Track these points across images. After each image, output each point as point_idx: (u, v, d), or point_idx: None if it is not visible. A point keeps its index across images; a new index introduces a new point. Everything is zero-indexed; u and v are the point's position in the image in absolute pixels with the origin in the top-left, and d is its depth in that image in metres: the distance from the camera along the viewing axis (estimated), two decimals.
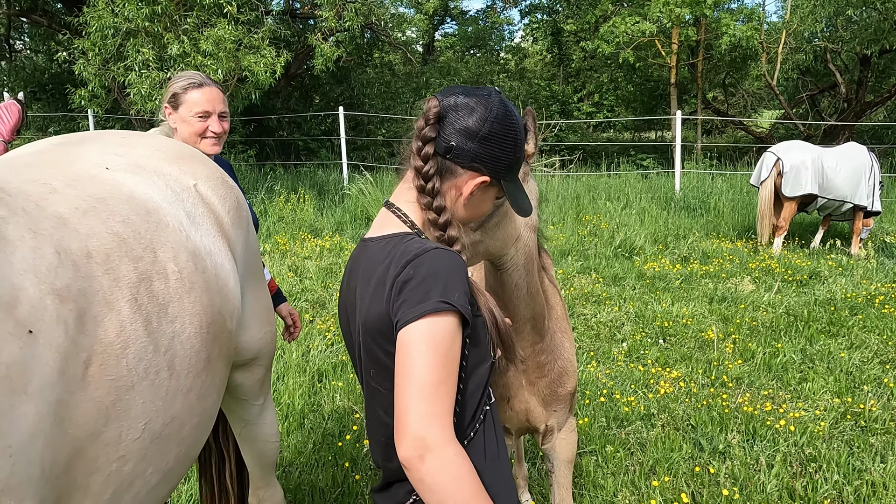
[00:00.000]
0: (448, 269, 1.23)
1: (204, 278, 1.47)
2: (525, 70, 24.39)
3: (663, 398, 4.20)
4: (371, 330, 1.29)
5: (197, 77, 2.38)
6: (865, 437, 3.75)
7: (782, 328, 5.58)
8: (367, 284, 1.32)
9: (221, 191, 1.73)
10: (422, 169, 1.33)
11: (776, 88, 14.69)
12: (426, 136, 1.32)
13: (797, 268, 7.42)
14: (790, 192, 8.05)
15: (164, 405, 1.29)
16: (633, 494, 3.14)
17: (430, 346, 1.17)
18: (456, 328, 1.21)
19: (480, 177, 1.35)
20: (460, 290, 1.22)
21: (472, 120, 1.32)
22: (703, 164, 13.95)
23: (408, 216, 1.36)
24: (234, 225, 1.73)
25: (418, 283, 1.20)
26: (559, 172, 13.64)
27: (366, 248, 1.38)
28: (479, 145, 1.33)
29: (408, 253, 1.25)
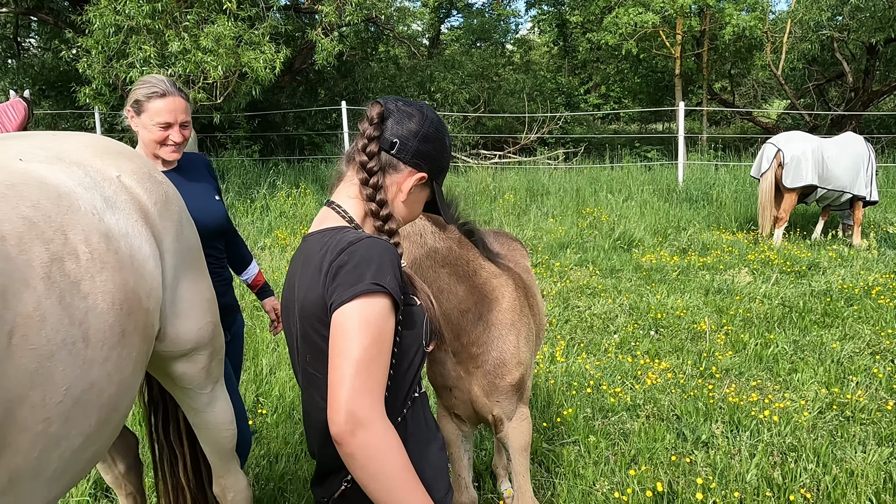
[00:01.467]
0: (380, 254, 1.30)
1: (117, 258, 1.56)
2: (531, 62, 24.32)
3: (650, 389, 4.23)
4: (307, 315, 1.36)
5: (161, 85, 2.39)
6: (850, 426, 3.77)
7: (776, 319, 5.58)
8: (305, 274, 1.39)
9: (147, 184, 1.82)
10: (366, 164, 1.42)
11: (781, 78, 14.57)
12: (371, 135, 1.44)
13: (796, 259, 7.40)
14: (791, 184, 8.02)
15: (82, 372, 1.42)
16: (612, 483, 3.18)
17: (363, 326, 1.23)
18: (388, 310, 1.28)
19: (419, 173, 1.47)
20: (392, 275, 1.30)
21: (412, 123, 1.46)
22: (709, 155, 13.89)
23: (346, 212, 1.45)
24: (162, 216, 1.82)
25: (353, 267, 1.27)
26: (562, 165, 13.63)
27: (305, 243, 1.46)
28: (420, 143, 1.46)
29: (343, 241, 1.33)
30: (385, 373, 1.26)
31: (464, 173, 12.07)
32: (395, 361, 1.37)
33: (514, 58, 24.11)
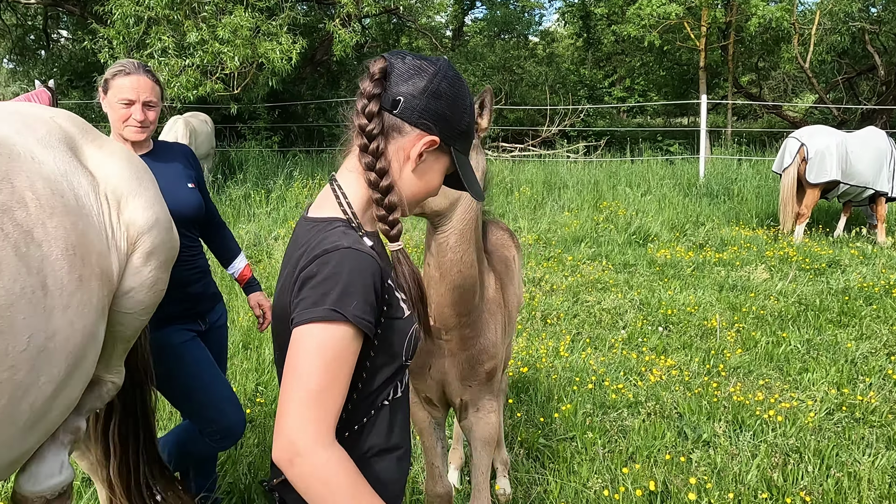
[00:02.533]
0: (351, 272, 1.17)
1: (63, 202, 1.55)
2: (554, 55, 24.07)
3: (653, 386, 4.15)
4: (277, 314, 1.32)
5: (130, 65, 2.43)
6: (858, 428, 3.66)
7: (791, 317, 5.46)
8: (285, 268, 1.32)
9: (83, 125, 1.83)
10: (366, 127, 1.24)
11: (809, 71, 14.22)
12: (371, 93, 1.25)
13: (816, 256, 7.22)
14: (815, 179, 7.81)
15: (43, 321, 1.44)
16: (605, 481, 3.13)
17: (318, 352, 1.14)
18: (348, 337, 1.16)
19: (429, 136, 1.27)
20: (360, 299, 1.16)
21: (420, 78, 1.25)
22: (733, 149, 13.63)
23: (346, 196, 1.29)
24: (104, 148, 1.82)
25: (318, 283, 1.16)
26: (582, 158, 13.49)
27: (300, 226, 1.35)
28: (428, 101, 1.25)
29: (320, 246, 1.20)
30: (338, 400, 1.17)
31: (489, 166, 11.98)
32: (365, 378, 1.27)
33: (537, 50, 23.90)
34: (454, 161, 1.33)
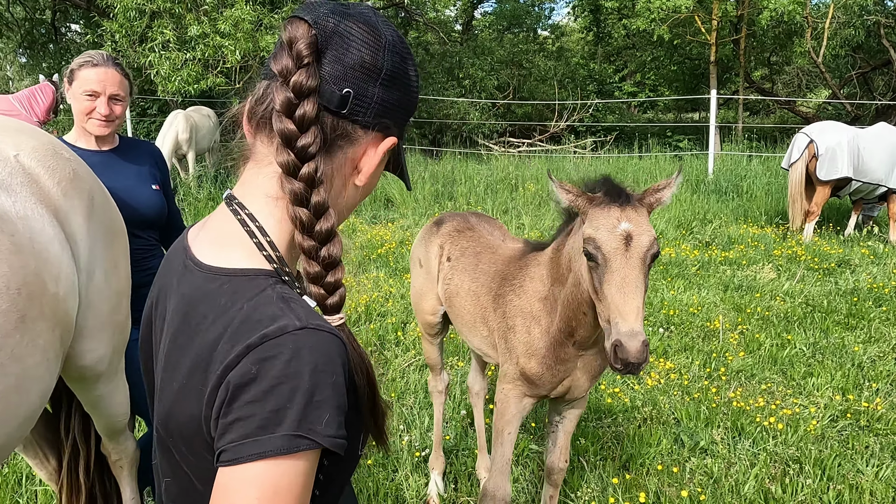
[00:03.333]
0: (316, 370, 0.77)
1: (13, 241, 1.50)
2: (563, 49, 23.86)
3: (651, 391, 4.03)
4: (173, 431, 0.86)
5: (97, 56, 2.33)
6: (863, 437, 3.52)
7: (797, 319, 5.30)
8: (178, 352, 0.86)
9: (50, 162, 1.73)
10: (295, 140, 0.83)
11: (822, 66, 13.95)
12: (303, 86, 0.83)
13: (825, 255, 7.05)
14: (825, 176, 7.62)
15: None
16: (596, 491, 3.01)
17: (268, 502, 0.75)
18: (313, 465, 0.79)
19: (389, 138, 0.93)
20: (332, 406, 0.78)
21: (365, 51, 0.86)
22: (744, 145, 13.41)
23: (264, 229, 0.88)
24: (67, 195, 1.74)
25: (264, 395, 0.75)
26: (589, 154, 13.32)
27: (188, 274, 0.90)
28: (385, 90, 0.89)
29: (254, 327, 0.79)
30: None
31: (486, 161, 11.87)
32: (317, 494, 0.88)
33: (546, 44, 23.68)
34: (399, 153, 0.99)
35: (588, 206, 1.85)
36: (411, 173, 10.51)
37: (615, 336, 1.71)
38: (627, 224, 1.78)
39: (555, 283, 2.14)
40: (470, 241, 2.68)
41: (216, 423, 0.78)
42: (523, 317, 2.22)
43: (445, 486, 3.09)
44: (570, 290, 2.03)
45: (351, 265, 6.70)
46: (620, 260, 1.76)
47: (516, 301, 2.26)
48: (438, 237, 2.77)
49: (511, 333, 2.24)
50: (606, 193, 1.84)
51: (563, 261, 2.08)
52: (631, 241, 1.77)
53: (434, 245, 2.77)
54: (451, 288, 2.63)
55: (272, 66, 0.87)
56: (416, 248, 2.92)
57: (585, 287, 1.94)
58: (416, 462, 3.24)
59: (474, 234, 2.70)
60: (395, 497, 3.01)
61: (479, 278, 2.51)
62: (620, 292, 1.73)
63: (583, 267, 1.91)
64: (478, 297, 2.49)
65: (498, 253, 2.56)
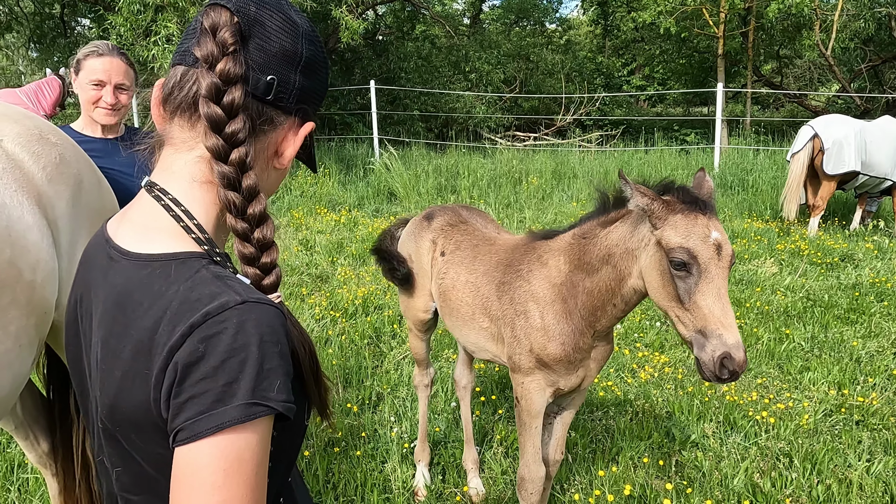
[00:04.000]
0: (262, 340, 0.79)
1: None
2: (571, 42, 23.74)
3: (645, 384, 4.02)
4: (120, 420, 0.85)
5: (103, 46, 2.38)
6: (857, 432, 3.50)
7: (797, 313, 5.27)
8: (116, 340, 0.85)
9: (35, 147, 1.74)
10: (224, 125, 0.85)
11: (831, 59, 13.79)
12: (231, 73, 0.85)
13: (829, 250, 6.99)
14: (832, 170, 7.54)
15: None
16: (583, 483, 3.01)
17: (233, 475, 0.76)
18: (269, 433, 0.81)
19: (308, 124, 0.96)
20: (282, 374, 0.81)
21: (285, 39, 0.90)
22: (752, 139, 13.30)
23: (190, 213, 0.88)
24: (52, 181, 1.74)
25: (215, 370, 0.77)
26: (595, 148, 13.26)
27: (115, 266, 0.89)
28: (303, 77, 0.92)
29: (194, 306, 0.79)
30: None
31: (490, 155, 11.84)
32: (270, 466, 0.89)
33: (554, 37, 23.57)
34: (311, 137, 1.02)
35: (667, 213, 1.82)
36: (416, 166, 10.50)
37: (722, 349, 1.72)
38: (717, 233, 1.78)
39: (576, 270, 2.13)
40: (464, 234, 2.65)
41: (167, 405, 0.79)
42: (536, 301, 2.21)
43: (432, 477, 3.10)
44: (605, 283, 2.04)
45: (351, 258, 6.71)
46: (715, 269, 1.76)
47: (526, 286, 2.25)
48: (430, 232, 2.73)
49: (522, 319, 2.23)
50: (684, 199, 1.83)
51: (596, 251, 2.06)
52: (722, 249, 1.77)
53: (425, 240, 2.73)
54: (446, 282, 2.59)
55: (195, 52, 0.87)
56: (406, 243, 2.86)
57: (633, 284, 1.96)
58: (404, 453, 3.25)
59: (468, 228, 2.69)
60: (382, 487, 3.02)
61: (477, 269, 2.49)
62: (719, 302, 1.74)
63: (648, 270, 1.89)
64: (477, 289, 2.46)
65: (497, 244, 2.54)
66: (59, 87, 9.87)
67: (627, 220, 1.99)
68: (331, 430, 3.28)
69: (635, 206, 1.88)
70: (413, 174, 10.08)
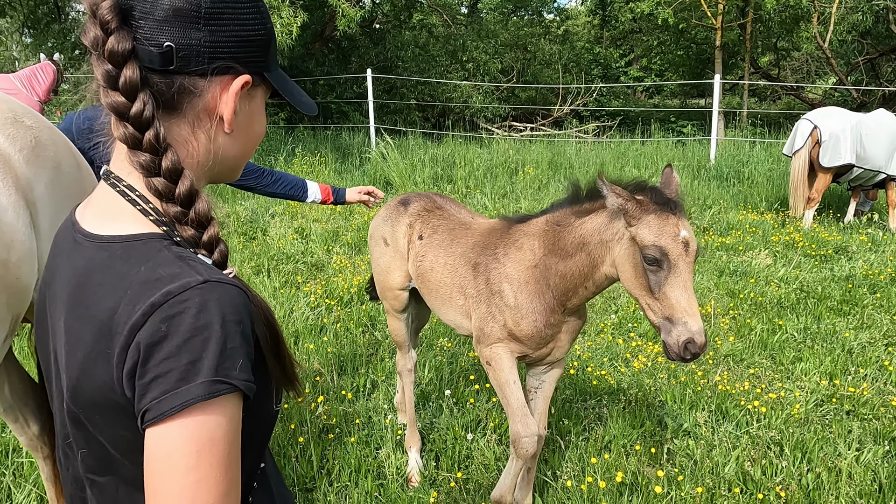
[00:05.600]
0: (225, 319, 0.79)
1: None
2: (569, 32, 23.66)
3: (638, 373, 4.04)
4: (83, 402, 0.84)
5: None
6: (848, 422, 3.53)
7: (790, 304, 5.29)
8: (79, 321, 0.84)
9: (10, 130, 1.75)
10: (125, 109, 0.82)
11: (828, 52, 13.78)
12: (117, 53, 0.80)
13: (823, 242, 7.02)
14: (828, 163, 7.55)
15: None
16: (576, 470, 3.03)
17: (205, 455, 0.77)
18: (236, 409, 0.81)
19: (238, 77, 0.88)
20: (244, 352, 0.81)
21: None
22: (749, 131, 13.31)
23: (145, 198, 0.87)
24: (30, 163, 1.75)
25: (178, 349, 0.76)
26: (591, 138, 13.25)
27: (78, 248, 0.89)
28: (211, 30, 0.84)
29: (155, 286, 0.79)
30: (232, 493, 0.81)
31: (487, 145, 11.82)
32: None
33: (552, 27, 23.48)
34: (271, 84, 0.95)
35: (641, 212, 2.00)
36: (412, 155, 10.48)
37: (686, 334, 1.93)
38: (686, 232, 1.98)
39: (550, 254, 2.27)
40: (441, 219, 2.79)
41: (131, 385, 0.78)
42: (510, 282, 2.35)
43: (426, 463, 3.12)
44: (579, 268, 2.20)
45: (347, 247, 6.71)
46: (683, 264, 1.95)
47: (501, 268, 2.39)
48: (407, 217, 2.86)
49: (497, 298, 2.38)
50: (656, 200, 2.01)
51: (570, 238, 2.22)
52: (689, 246, 1.97)
53: (402, 224, 2.86)
54: (424, 264, 2.71)
55: (83, 40, 0.83)
56: (381, 227, 2.98)
57: (605, 272, 2.15)
58: (398, 440, 3.27)
59: (444, 213, 2.83)
60: (376, 473, 3.03)
61: (455, 251, 2.62)
62: (685, 293, 1.95)
63: (621, 261, 2.07)
64: (455, 270, 2.59)
65: (472, 227, 2.68)
66: (53, 73, 9.79)
67: (602, 213, 2.15)
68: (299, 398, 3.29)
69: (612, 205, 2.06)
70: (409, 163, 10.07)
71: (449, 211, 2.85)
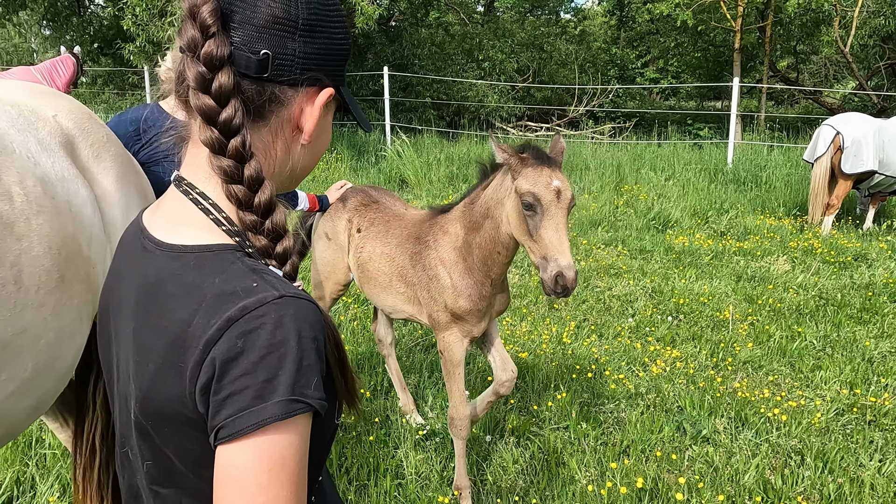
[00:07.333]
0: (301, 336, 0.78)
1: (54, 203, 1.52)
2: (586, 33, 23.57)
3: (656, 378, 4.02)
4: (152, 414, 0.84)
5: None
6: (869, 432, 3.49)
7: (809, 312, 5.25)
8: (149, 331, 0.83)
9: (85, 124, 1.78)
10: (216, 114, 0.81)
11: (849, 56, 13.64)
12: (214, 57, 0.79)
13: (842, 249, 6.95)
14: (850, 169, 7.47)
15: (11, 316, 1.37)
16: (595, 475, 3.02)
17: (276, 474, 0.76)
18: (307, 429, 0.80)
19: (325, 90, 0.88)
20: (318, 369, 0.79)
21: (274, 5, 0.82)
22: (766, 135, 13.19)
23: (218, 206, 0.86)
24: (100, 158, 1.78)
25: (254, 366, 0.75)
26: (607, 140, 13.19)
27: (148, 256, 0.88)
28: (306, 41, 0.84)
29: (230, 300, 0.78)
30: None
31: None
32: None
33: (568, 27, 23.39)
34: (344, 99, 0.93)
35: (521, 166, 2.27)
36: (427, 154, 10.48)
37: (556, 268, 2.19)
38: (558, 182, 2.24)
39: (469, 231, 2.55)
40: (377, 212, 3.02)
41: (204, 401, 0.77)
42: (443, 265, 2.62)
43: (443, 466, 3.12)
44: (488, 234, 2.48)
45: None
46: (554, 209, 2.22)
47: (434, 254, 2.66)
48: (346, 212, 3.07)
49: (434, 282, 2.64)
50: (535, 156, 2.29)
51: (479, 210, 2.51)
52: (561, 194, 2.23)
53: (342, 220, 3.07)
54: (363, 255, 2.93)
55: (179, 41, 0.81)
56: (323, 223, 3.18)
57: (505, 229, 2.40)
58: (416, 440, 3.27)
59: (379, 206, 3.06)
60: (395, 473, 3.04)
61: (391, 242, 2.85)
62: (557, 234, 2.21)
63: (510, 213, 2.34)
64: (393, 259, 2.83)
65: (406, 219, 2.93)
66: (73, 66, 9.87)
67: (498, 176, 2.45)
68: (358, 418, 3.46)
69: (500, 160, 2.35)
70: (424, 162, 10.06)
71: (384, 204, 3.07)
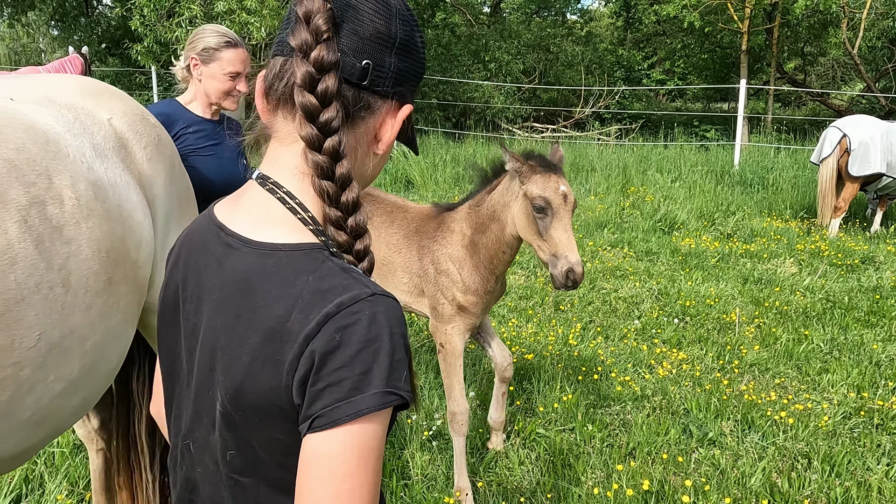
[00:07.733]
0: (392, 331, 0.82)
1: (105, 207, 1.55)
2: (592, 34, 23.52)
3: (662, 380, 4.01)
4: (243, 405, 0.87)
5: (231, 35, 2.45)
6: (877, 435, 3.48)
7: (816, 314, 5.23)
8: (242, 325, 0.87)
9: (139, 127, 1.79)
10: (318, 114, 0.85)
11: (857, 58, 13.58)
12: (324, 60, 0.84)
13: (849, 251, 6.93)
14: (857, 172, 7.45)
15: (60, 318, 1.39)
16: (601, 477, 3.02)
17: (363, 462, 0.79)
18: (389, 420, 0.84)
19: (406, 106, 0.95)
20: (406, 363, 0.84)
21: (379, 21, 0.88)
22: (773, 137, 13.16)
23: (304, 206, 0.89)
24: (152, 160, 1.79)
25: (351, 359, 0.79)
26: (613, 141, 13.18)
27: (235, 252, 0.91)
28: (400, 58, 0.90)
29: (326, 296, 0.82)
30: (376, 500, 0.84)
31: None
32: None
33: (574, 29, 23.37)
34: (409, 119, 0.99)
35: (531, 173, 2.50)
36: (433, 155, 10.50)
37: (567, 265, 2.42)
38: (564, 187, 2.49)
39: (476, 232, 2.73)
40: (375, 203, 3.10)
41: (301, 392, 0.81)
42: (453, 261, 2.78)
43: (448, 465, 3.12)
44: (494, 234, 2.66)
45: None
46: (563, 212, 2.46)
47: (443, 250, 2.81)
48: None
49: (444, 277, 2.79)
50: (541, 164, 2.52)
51: (485, 212, 2.70)
52: (567, 198, 2.48)
53: None
54: None
55: (290, 41, 0.86)
56: None
57: (510, 231, 2.60)
58: (422, 441, 3.28)
59: (377, 199, 3.15)
60: (401, 473, 3.05)
61: (396, 233, 2.96)
62: (566, 234, 2.46)
63: (517, 215, 2.54)
64: (399, 250, 2.93)
65: (409, 212, 3.03)
66: (82, 66, 9.90)
67: (504, 181, 2.65)
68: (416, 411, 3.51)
69: (510, 168, 2.55)
70: (430, 163, 10.08)
71: (381, 197, 3.17)
